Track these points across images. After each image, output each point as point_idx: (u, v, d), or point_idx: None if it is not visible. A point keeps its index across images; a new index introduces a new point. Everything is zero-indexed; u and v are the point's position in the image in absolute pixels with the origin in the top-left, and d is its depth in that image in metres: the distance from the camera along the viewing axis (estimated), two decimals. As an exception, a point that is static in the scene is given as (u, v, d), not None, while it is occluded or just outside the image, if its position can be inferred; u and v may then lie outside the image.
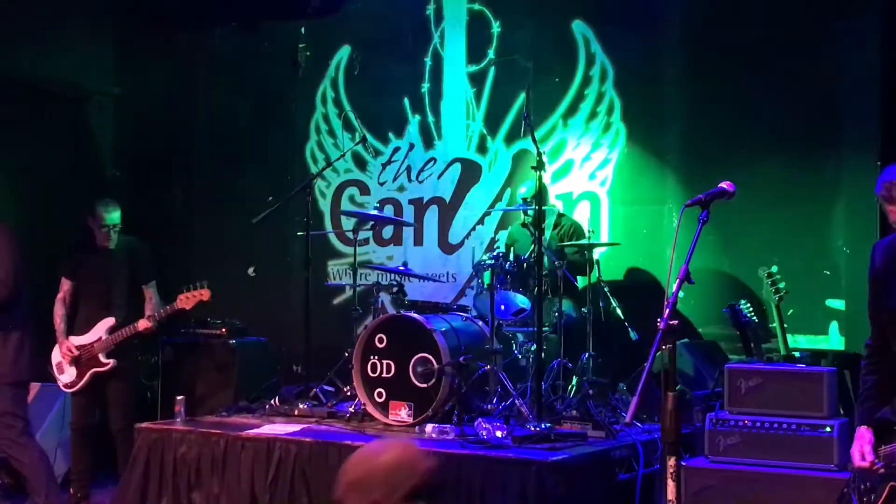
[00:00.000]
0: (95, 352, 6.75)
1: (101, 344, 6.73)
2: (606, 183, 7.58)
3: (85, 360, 6.78)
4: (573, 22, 7.70)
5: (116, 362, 6.75)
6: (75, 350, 6.77)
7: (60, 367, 6.88)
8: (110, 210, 6.85)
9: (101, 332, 6.77)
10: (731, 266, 6.75)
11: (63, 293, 6.93)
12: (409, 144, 8.38)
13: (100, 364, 6.75)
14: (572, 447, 5.39)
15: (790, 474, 5.34)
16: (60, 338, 6.84)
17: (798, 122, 6.83)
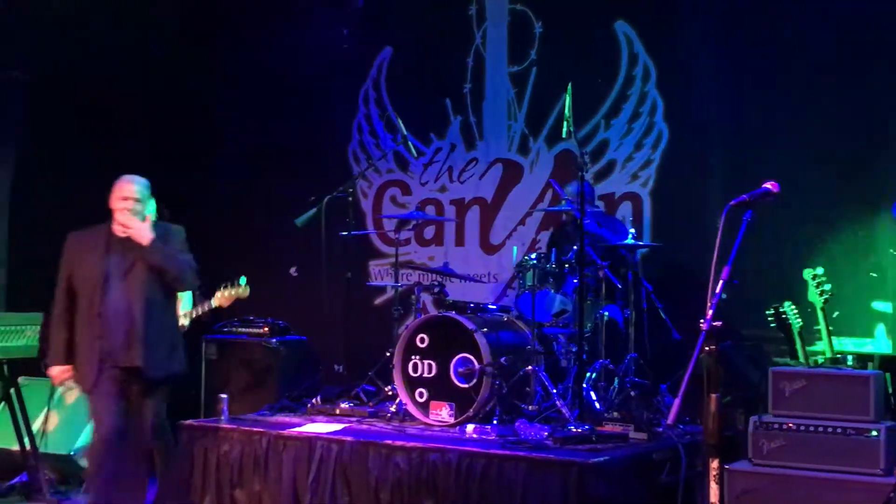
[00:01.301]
0: None
1: None
2: (649, 183, 7.53)
3: None
4: (616, 22, 7.67)
5: None
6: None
7: None
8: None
9: None
10: (776, 268, 6.67)
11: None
12: (450, 145, 8.37)
13: None
14: (613, 449, 5.36)
15: (834, 478, 5.27)
16: None
17: (845, 122, 6.74)
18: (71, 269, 5.83)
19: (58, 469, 7.55)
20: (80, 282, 5.78)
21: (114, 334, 5.68)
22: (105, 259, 5.75)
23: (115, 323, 5.68)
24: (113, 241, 5.79)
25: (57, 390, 7.73)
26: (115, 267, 5.76)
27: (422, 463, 5.49)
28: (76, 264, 5.82)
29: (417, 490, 5.47)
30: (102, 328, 5.68)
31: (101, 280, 5.71)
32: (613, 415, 5.99)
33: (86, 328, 5.74)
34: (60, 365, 5.83)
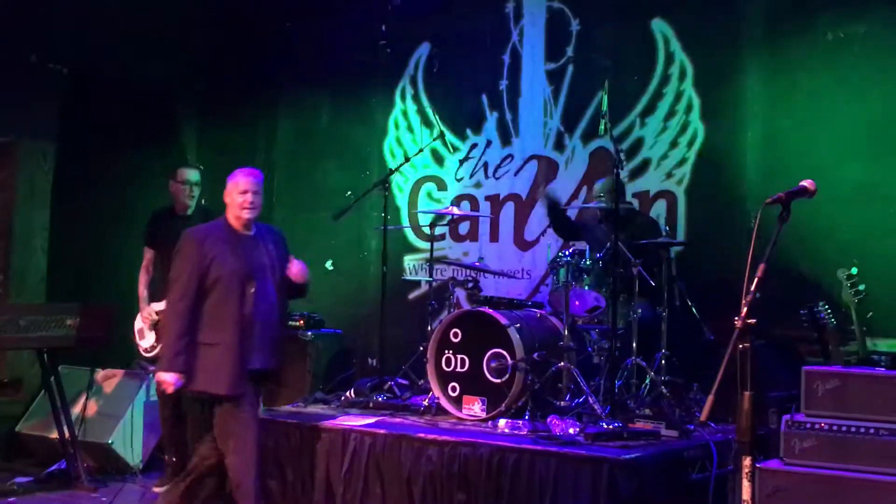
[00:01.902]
0: None
1: None
2: (683, 181, 7.50)
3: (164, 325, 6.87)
4: (653, 20, 7.63)
5: None
6: (155, 315, 6.88)
7: (141, 333, 7.00)
8: (191, 170, 7.07)
9: None
10: (810, 267, 6.63)
11: (146, 261, 7.07)
12: (486, 141, 8.38)
13: None
14: (645, 446, 5.36)
15: (867, 479, 5.23)
16: (143, 304, 6.99)
17: (881, 121, 6.68)
18: (204, 267, 5.41)
19: (96, 457, 7.64)
20: (216, 281, 5.42)
21: (256, 336, 5.45)
22: (241, 258, 5.49)
23: (259, 325, 5.46)
24: (241, 238, 5.56)
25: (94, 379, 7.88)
26: (253, 266, 5.51)
27: (454, 457, 5.51)
28: (212, 262, 5.43)
29: (449, 483, 5.50)
30: (246, 330, 5.41)
31: (243, 280, 5.44)
32: (645, 412, 5.99)
33: (221, 330, 5.39)
34: (177, 371, 5.35)
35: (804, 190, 3.94)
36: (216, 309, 5.41)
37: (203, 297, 5.41)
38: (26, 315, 7.02)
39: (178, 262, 5.49)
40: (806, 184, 3.96)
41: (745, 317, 3.60)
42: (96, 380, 7.99)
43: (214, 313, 5.41)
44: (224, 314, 5.40)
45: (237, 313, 5.41)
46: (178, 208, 7.05)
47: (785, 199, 3.87)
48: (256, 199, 5.57)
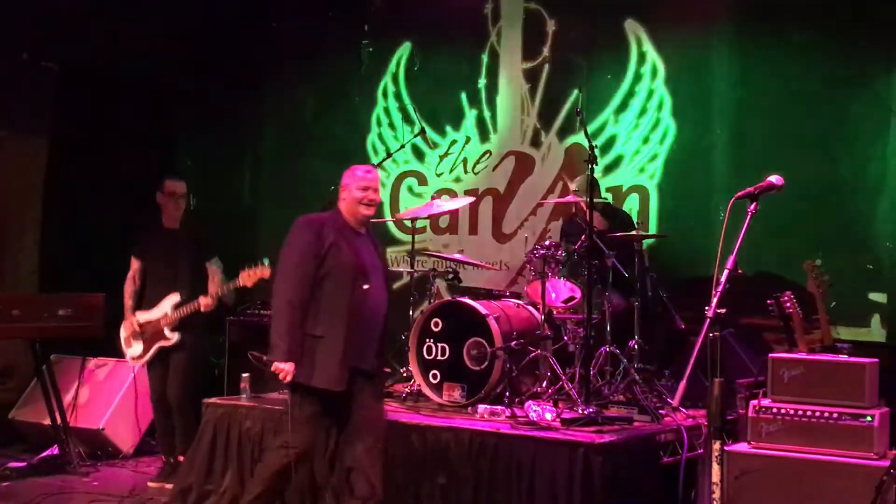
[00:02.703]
0: (161, 326, 6.81)
1: (167, 319, 6.80)
2: (655, 176, 7.54)
3: (151, 334, 6.85)
4: (625, 21, 7.65)
5: (181, 336, 6.81)
6: (137, 326, 6.84)
7: (128, 342, 6.95)
8: (177, 182, 6.96)
9: (166, 308, 6.82)
10: (777, 259, 6.67)
11: (132, 272, 7.00)
12: (465, 137, 8.39)
13: (165, 338, 6.81)
14: (619, 430, 5.38)
15: (830, 461, 5.28)
16: (128, 313, 6.92)
17: (846, 120, 6.73)
18: (321, 255, 5.06)
19: (87, 442, 7.62)
20: (330, 272, 5.06)
21: (364, 334, 5.13)
22: (356, 252, 5.14)
23: (368, 322, 5.14)
24: (355, 233, 5.22)
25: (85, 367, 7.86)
26: (366, 263, 5.17)
27: (436, 441, 5.53)
28: (329, 251, 5.07)
29: (431, 467, 5.51)
30: (354, 326, 5.06)
31: (356, 275, 5.09)
32: (619, 398, 6.01)
33: (330, 323, 5.05)
34: (294, 361, 5.02)
35: (772, 185, 3.96)
36: (327, 301, 5.05)
37: (314, 287, 5.06)
38: (19, 305, 6.99)
39: (291, 249, 5.11)
40: (773, 179, 3.98)
41: (716, 307, 3.61)
42: (88, 368, 7.98)
43: (324, 305, 5.05)
44: (334, 307, 5.04)
45: (348, 307, 5.05)
46: (165, 220, 6.99)
47: (755, 193, 3.89)
48: (376, 197, 5.27)
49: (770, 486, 5.38)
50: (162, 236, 6.96)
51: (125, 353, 7.01)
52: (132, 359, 6.98)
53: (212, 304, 6.78)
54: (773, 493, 5.37)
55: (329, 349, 5.02)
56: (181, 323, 6.78)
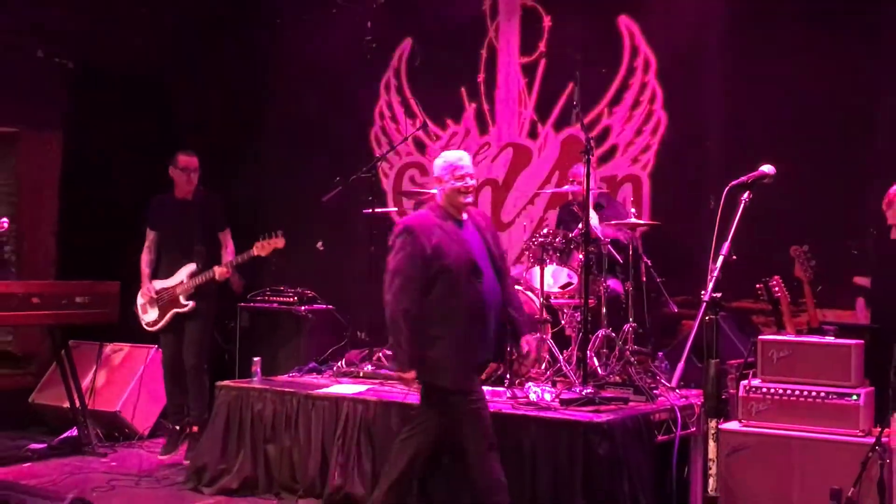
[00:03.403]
0: (177, 294, 6.82)
1: (182, 287, 6.80)
2: (648, 166, 7.54)
3: (167, 301, 6.86)
4: (619, 16, 7.64)
5: (195, 304, 6.81)
6: (154, 292, 6.85)
7: (144, 309, 6.97)
8: (189, 157, 6.97)
9: (182, 277, 6.84)
10: (766, 245, 6.67)
11: (148, 242, 7.03)
12: (465, 130, 8.38)
13: (180, 305, 6.83)
14: (615, 410, 5.38)
15: (818, 439, 5.30)
16: (145, 280, 6.94)
17: (833, 111, 6.72)
18: (427, 258, 4.81)
19: (104, 424, 7.64)
20: (440, 272, 4.82)
21: (482, 327, 4.91)
22: (463, 245, 4.89)
23: (485, 315, 4.91)
24: (457, 224, 4.97)
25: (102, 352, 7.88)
26: (475, 254, 4.92)
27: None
28: (434, 253, 4.81)
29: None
30: (471, 322, 4.84)
31: (467, 269, 4.84)
32: (615, 379, 6.02)
33: (446, 323, 4.82)
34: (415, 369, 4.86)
35: (764, 174, 3.97)
36: (440, 301, 4.82)
37: (426, 289, 4.83)
38: (38, 293, 6.99)
39: (396, 256, 4.87)
40: (766, 168, 3.99)
41: (711, 291, 3.62)
42: (104, 353, 7.99)
43: (438, 305, 4.82)
44: (449, 306, 4.81)
45: (463, 305, 4.81)
46: (178, 193, 7.01)
47: (748, 182, 3.90)
48: (474, 185, 5.01)
49: (760, 462, 5.41)
50: (175, 208, 6.98)
51: (140, 319, 7.01)
52: (147, 325, 7.00)
53: (227, 273, 6.79)
54: (763, 468, 5.39)
55: (447, 348, 4.81)
56: (196, 291, 6.79)
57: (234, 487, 6.10)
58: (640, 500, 5.17)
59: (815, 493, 5.21)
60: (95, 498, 5.07)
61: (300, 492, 5.92)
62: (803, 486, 5.28)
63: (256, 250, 6.66)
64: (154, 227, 7.02)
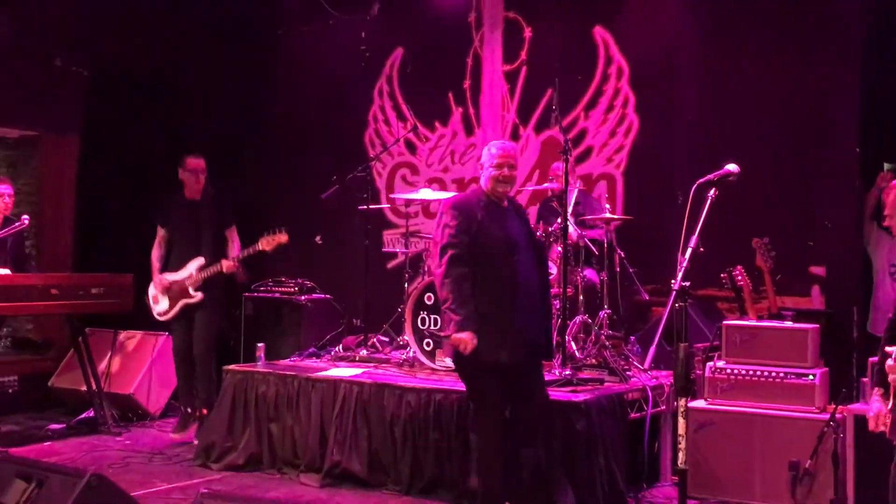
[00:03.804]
0: (186, 286, 6.80)
1: (192, 279, 6.78)
2: (621, 166, 7.55)
3: (176, 292, 6.84)
4: (594, 27, 7.64)
5: (204, 295, 6.79)
6: (167, 282, 6.84)
7: (155, 299, 6.94)
8: (197, 159, 6.95)
9: (191, 270, 6.81)
10: (729, 237, 6.69)
11: (158, 238, 7.00)
12: (452, 132, 8.37)
13: (189, 296, 6.80)
14: (591, 391, 5.40)
15: (777, 415, 5.35)
16: (155, 273, 6.92)
17: (791, 113, 6.74)
18: (472, 233, 4.66)
19: (119, 405, 7.62)
20: (482, 249, 4.66)
21: (523, 307, 4.70)
22: (504, 227, 4.74)
23: (525, 295, 4.71)
24: (498, 208, 4.81)
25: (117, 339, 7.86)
26: (514, 236, 4.76)
27: (429, 402, 5.54)
28: (479, 230, 4.67)
29: (425, 424, 5.53)
30: (513, 300, 4.65)
31: (507, 249, 4.69)
32: (591, 362, 6.03)
33: (489, 301, 4.65)
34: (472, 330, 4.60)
35: (729, 172, 3.98)
36: (481, 278, 4.63)
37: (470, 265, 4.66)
38: (57, 285, 6.97)
39: (442, 231, 4.70)
40: (731, 167, 4.00)
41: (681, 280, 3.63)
42: (119, 340, 7.97)
43: (480, 283, 4.63)
44: (491, 284, 4.63)
45: (504, 282, 4.64)
46: (187, 193, 6.99)
47: (714, 179, 3.91)
48: (512, 174, 4.83)
49: (725, 437, 5.45)
50: (184, 206, 6.96)
51: (152, 309, 6.99)
52: (158, 314, 6.97)
53: (234, 267, 6.78)
54: (728, 443, 5.44)
55: (492, 324, 4.59)
56: (205, 283, 6.77)
57: (240, 463, 6.10)
58: (614, 472, 5.19)
59: (775, 464, 5.26)
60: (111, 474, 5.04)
61: (301, 467, 5.92)
62: (764, 458, 5.32)
63: (262, 245, 6.64)
64: (164, 225, 7.00)
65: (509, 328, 4.63)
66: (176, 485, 5.75)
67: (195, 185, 6.93)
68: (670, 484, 5.74)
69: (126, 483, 4.88)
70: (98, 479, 3.72)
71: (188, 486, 5.70)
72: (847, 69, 6.53)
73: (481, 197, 4.80)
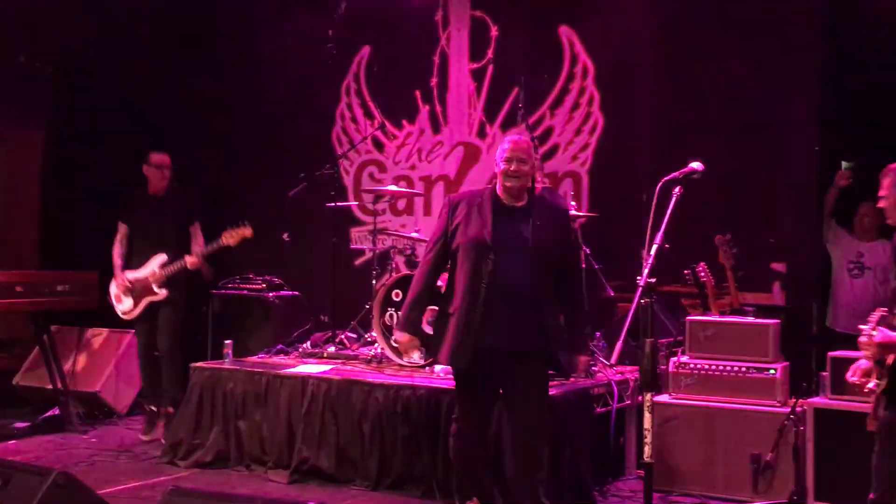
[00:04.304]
0: (149, 283, 6.72)
1: (155, 276, 6.71)
2: (587, 164, 7.59)
3: (140, 290, 6.76)
4: (560, 27, 7.67)
5: (168, 292, 6.73)
6: (128, 282, 6.76)
7: (118, 298, 6.86)
8: (161, 155, 6.88)
9: (154, 267, 6.72)
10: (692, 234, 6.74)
11: (120, 235, 6.91)
12: (420, 130, 8.36)
13: (153, 294, 6.72)
14: (559, 385, 5.40)
15: (740, 409, 5.41)
16: (117, 271, 6.82)
17: (752, 111, 6.81)
18: (451, 231, 4.49)
19: (85, 404, 7.54)
20: (458, 248, 4.46)
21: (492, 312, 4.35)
22: (488, 227, 4.40)
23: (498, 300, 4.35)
24: (502, 207, 4.48)
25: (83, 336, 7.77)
26: (500, 237, 4.39)
27: (397, 398, 5.54)
28: (458, 228, 4.46)
29: (394, 420, 5.53)
30: (477, 303, 4.34)
31: (482, 250, 4.37)
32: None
33: (455, 299, 4.43)
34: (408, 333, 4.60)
35: (693, 170, 4.01)
36: (455, 277, 4.45)
37: (452, 264, 4.51)
38: (21, 282, 6.87)
39: (433, 227, 4.68)
40: (695, 165, 4.03)
41: (647, 276, 3.66)
42: (84, 337, 7.88)
43: (453, 282, 4.46)
44: (459, 283, 4.41)
45: (469, 284, 4.36)
46: (150, 189, 6.91)
47: (680, 177, 3.94)
48: (521, 168, 4.42)
49: (689, 430, 5.51)
50: (148, 202, 6.88)
51: (115, 308, 6.90)
52: (122, 313, 6.89)
53: (197, 263, 6.71)
54: (691, 437, 5.50)
55: (454, 325, 4.39)
56: (168, 280, 6.70)
57: (207, 460, 6.05)
58: (580, 465, 5.23)
59: (738, 457, 5.32)
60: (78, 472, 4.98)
61: (269, 464, 5.90)
62: (726, 451, 5.39)
63: (225, 239, 6.58)
64: (126, 221, 6.91)
65: (468, 332, 4.36)
66: (143, 482, 5.70)
67: (159, 181, 6.86)
68: (635, 477, 5.79)
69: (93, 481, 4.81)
70: (65, 477, 3.69)
71: (155, 483, 5.65)
72: (806, 68, 6.61)
73: (487, 195, 4.53)
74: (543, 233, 4.42)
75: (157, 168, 6.84)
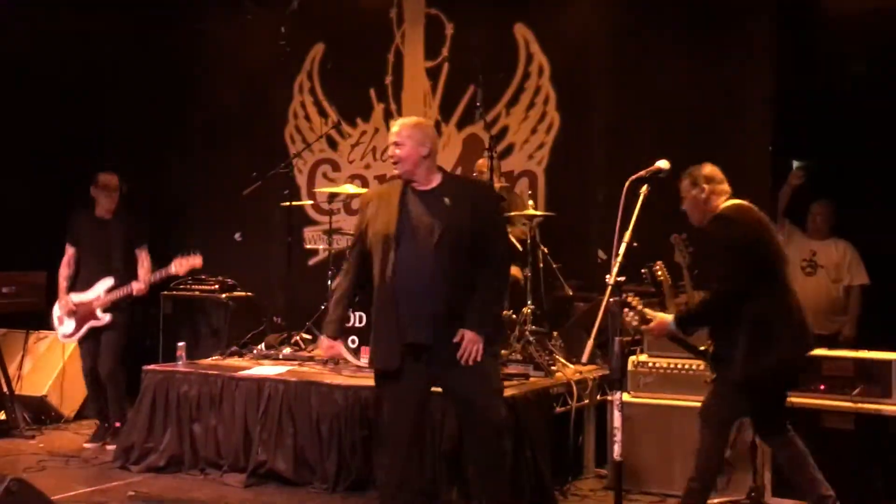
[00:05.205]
0: (94, 307, 6.59)
1: (99, 301, 6.57)
2: (543, 162, 7.61)
3: (83, 314, 6.62)
4: (515, 25, 7.68)
5: (112, 317, 6.59)
6: (73, 306, 6.62)
7: (60, 320, 6.70)
8: (109, 176, 6.72)
9: (99, 291, 6.59)
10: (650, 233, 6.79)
11: (67, 257, 6.75)
12: (374, 128, 8.32)
13: (96, 318, 6.59)
14: (518, 385, 5.43)
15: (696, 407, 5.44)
16: (62, 294, 6.66)
17: (706, 110, 6.88)
18: (364, 230, 4.28)
19: (32, 408, 7.38)
20: (371, 245, 4.23)
21: (404, 306, 4.12)
22: (393, 217, 4.16)
23: (405, 292, 4.12)
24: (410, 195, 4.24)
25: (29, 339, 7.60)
26: (401, 226, 4.15)
27: (356, 399, 5.49)
28: (369, 224, 4.26)
29: (352, 422, 5.49)
30: (389, 298, 4.13)
31: (386, 242, 4.13)
32: (516, 357, 6.07)
33: (374, 298, 4.22)
34: (329, 336, 4.46)
35: (660, 169, 4.04)
36: (372, 276, 4.22)
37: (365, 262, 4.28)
38: (-35, 284, 6.71)
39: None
40: (661, 164, 4.06)
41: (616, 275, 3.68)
42: (31, 340, 7.71)
43: (371, 281, 4.23)
44: (374, 281, 4.19)
45: (378, 279, 4.14)
46: (98, 211, 6.75)
47: (647, 176, 3.96)
48: (400, 151, 4.21)
49: (648, 428, 5.55)
50: (95, 225, 6.72)
51: (57, 330, 6.76)
52: (63, 336, 6.75)
53: (144, 290, 6.60)
54: (651, 434, 5.54)
55: (375, 326, 4.25)
56: (112, 305, 6.58)
57: (161, 465, 5.94)
58: (540, 465, 5.23)
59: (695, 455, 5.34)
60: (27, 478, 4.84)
61: (225, 467, 5.81)
62: (685, 449, 5.41)
63: (174, 268, 6.47)
64: (74, 244, 6.74)
65: (379, 332, 4.21)
66: (96, 488, 5.58)
67: (107, 203, 6.70)
68: (594, 476, 5.82)
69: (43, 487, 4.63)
70: (18, 483, 3.58)
71: (108, 488, 5.55)
72: (760, 69, 6.70)
73: (395, 185, 4.31)
74: (455, 211, 4.17)
75: (104, 189, 6.67)
